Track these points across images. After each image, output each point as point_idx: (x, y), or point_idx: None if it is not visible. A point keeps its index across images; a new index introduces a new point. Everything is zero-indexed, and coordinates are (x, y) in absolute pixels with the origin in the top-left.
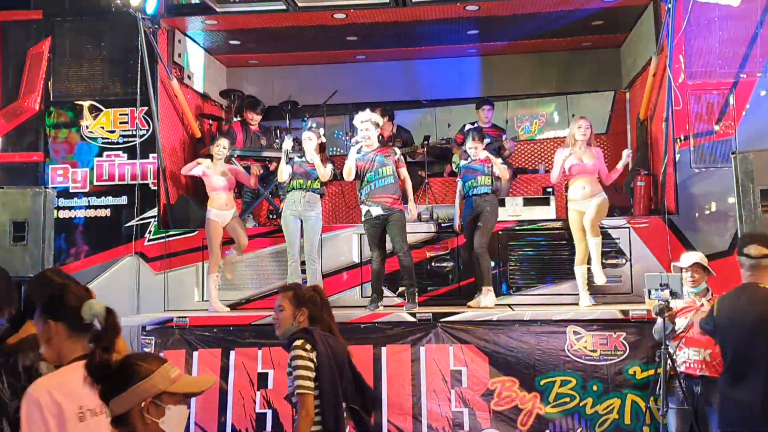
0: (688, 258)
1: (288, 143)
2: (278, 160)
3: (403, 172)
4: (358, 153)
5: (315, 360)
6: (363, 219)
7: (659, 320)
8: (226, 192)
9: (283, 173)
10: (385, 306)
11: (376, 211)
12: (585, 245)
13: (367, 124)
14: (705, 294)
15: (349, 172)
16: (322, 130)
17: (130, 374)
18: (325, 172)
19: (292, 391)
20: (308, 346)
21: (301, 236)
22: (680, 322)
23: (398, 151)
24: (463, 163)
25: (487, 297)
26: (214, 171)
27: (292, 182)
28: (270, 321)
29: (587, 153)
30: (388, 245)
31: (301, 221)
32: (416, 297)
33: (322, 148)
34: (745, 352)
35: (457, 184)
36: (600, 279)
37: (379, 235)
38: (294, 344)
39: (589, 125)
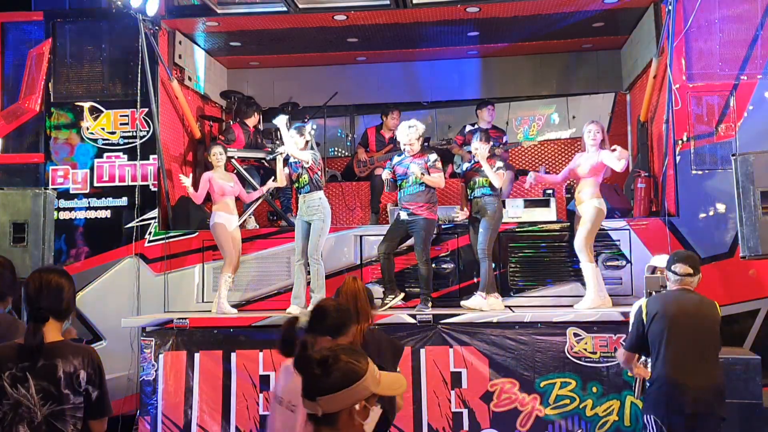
0: (662, 259)
1: (282, 148)
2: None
3: (434, 177)
4: (398, 164)
5: None
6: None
7: None
8: (231, 198)
9: (282, 178)
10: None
11: (403, 215)
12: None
13: (402, 135)
14: None
15: (393, 186)
16: (308, 128)
17: (347, 373)
18: (305, 155)
19: None
20: None
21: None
22: None
23: (431, 157)
24: (466, 165)
25: (473, 298)
26: (218, 177)
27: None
28: (271, 322)
29: (589, 157)
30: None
31: (309, 224)
32: (429, 302)
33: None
34: (686, 347)
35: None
36: (584, 304)
37: (395, 234)
38: None
39: (599, 129)
